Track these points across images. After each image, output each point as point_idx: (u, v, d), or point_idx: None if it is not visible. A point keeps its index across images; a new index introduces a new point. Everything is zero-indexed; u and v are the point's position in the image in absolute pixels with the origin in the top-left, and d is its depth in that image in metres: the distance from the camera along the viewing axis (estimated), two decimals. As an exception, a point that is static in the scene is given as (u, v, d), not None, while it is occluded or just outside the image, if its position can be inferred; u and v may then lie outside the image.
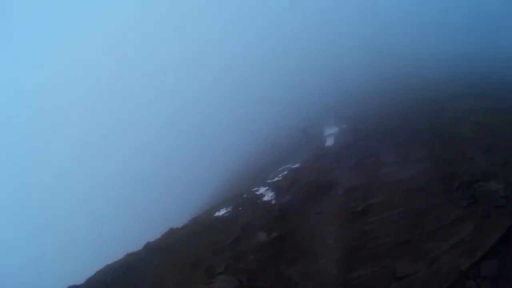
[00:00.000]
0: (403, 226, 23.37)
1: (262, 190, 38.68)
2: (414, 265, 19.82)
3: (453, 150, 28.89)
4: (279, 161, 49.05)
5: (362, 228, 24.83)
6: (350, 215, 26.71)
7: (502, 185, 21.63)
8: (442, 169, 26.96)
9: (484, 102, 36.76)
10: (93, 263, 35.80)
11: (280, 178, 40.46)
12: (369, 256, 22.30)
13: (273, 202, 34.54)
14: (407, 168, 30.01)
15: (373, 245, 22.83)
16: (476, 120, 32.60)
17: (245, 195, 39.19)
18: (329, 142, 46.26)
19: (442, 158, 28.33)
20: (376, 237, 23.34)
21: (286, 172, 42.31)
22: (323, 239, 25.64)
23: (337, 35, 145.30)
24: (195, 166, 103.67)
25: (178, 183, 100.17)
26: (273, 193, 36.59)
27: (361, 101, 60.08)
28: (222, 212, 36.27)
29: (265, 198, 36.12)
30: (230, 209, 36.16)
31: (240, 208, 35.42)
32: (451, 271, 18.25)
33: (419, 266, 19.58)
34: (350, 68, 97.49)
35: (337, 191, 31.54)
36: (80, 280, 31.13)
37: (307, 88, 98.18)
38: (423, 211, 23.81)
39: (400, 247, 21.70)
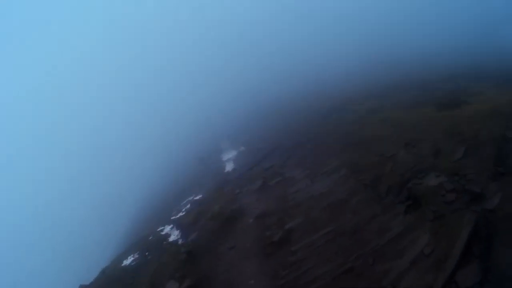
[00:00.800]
0: (337, 250, 18.16)
1: (167, 229, 34.28)
2: (371, 299, 14.42)
3: (367, 152, 25.23)
4: (181, 194, 43.33)
5: (286, 260, 19.03)
6: (269, 246, 20.88)
7: (444, 177, 17.81)
8: (362, 174, 22.83)
9: (383, 102, 34.91)
10: None
11: (183, 214, 35.89)
12: (306, 297, 16.44)
13: (180, 242, 29.59)
14: (320, 180, 25.49)
15: (307, 281, 17.00)
16: (382, 118, 29.92)
17: (150, 237, 34.17)
18: (229, 167, 41.62)
19: (358, 163, 24.37)
20: (308, 269, 17.65)
21: (189, 205, 37.33)
22: (243, 280, 19.37)
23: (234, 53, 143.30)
24: (97, 210, 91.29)
25: (83, 230, 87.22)
26: (178, 231, 32.25)
27: (257, 120, 56.58)
28: (129, 260, 31.58)
29: (171, 238, 31.58)
30: (137, 256, 31.50)
31: (147, 254, 30.91)
32: (423, 295, 13.28)
33: (378, 299, 14.22)
34: (242, 86, 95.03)
35: (247, 219, 26.04)
36: None
37: (200, 113, 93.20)
38: (355, 227, 18.98)
39: (343, 277, 16.19)
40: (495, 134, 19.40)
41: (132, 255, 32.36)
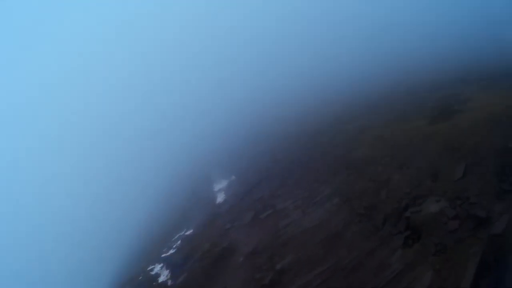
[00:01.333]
0: (333, 293, 15.96)
1: (157, 268, 33.10)
2: None
3: (359, 176, 23.33)
4: (172, 229, 41.58)
5: (278, 308, 16.91)
6: (260, 291, 18.84)
7: (445, 202, 15.81)
8: (356, 202, 20.81)
9: (373, 118, 33.15)
10: None
11: (174, 251, 34.47)
12: None
13: (169, 283, 28.15)
14: (312, 212, 23.50)
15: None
16: (372, 136, 28.06)
17: (140, 277, 32.75)
18: (220, 198, 40.00)
19: (351, 190, 22.41)
20: (302, 321, 15.43)
21: (179, 241, 35.88)
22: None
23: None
24: (87, 245, 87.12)
25: (71, 268, 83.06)
26: (168, 271, 31.01)
27: (248, 145, 54.90)
28: None
29: (161, 279, 30.27)
30: None
31: None
32: None
33: None
34: (232, 112, 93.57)
35: (237, 258, 24.34)
36: None
37: (193, 144, 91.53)
38: (351, 265, 16.88)
39: (341, 328, 14.04)
40: (496, 146, 17.48)
41: (121, 299, 30.26)
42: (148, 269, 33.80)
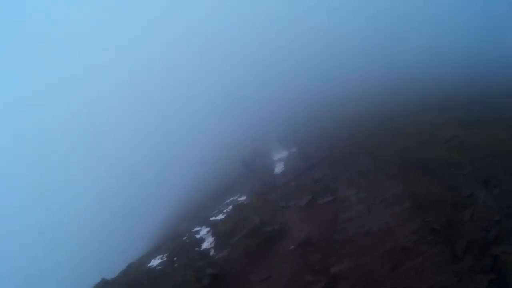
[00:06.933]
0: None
1: (203, 232, 31.86)
2: None
3: (434, 181, 20.16)
4: (225, 192, 39.94)
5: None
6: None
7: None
8: (431, 214, 17.86)
9: (447, 116, 28.98)
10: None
11: (223, 217, 32.98)
12: None
13: (211, 253, 26.78)
14: (377, 211, 20.87)
15: None
16: (447, 137, 24.32)
17: (184, 238, 31.72)
18: (278, 168, 37.51)
19: (424, 196, 19.39)
20: None
21: (230, 207, 34.20)
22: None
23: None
24: (136, 198, 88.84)
25: (118, 218, 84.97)
26: (213, 239, 29.69)
27: (308, 123, 51.32)
28: (157, 261, 29.72)
29: (204, 245, 29.07)
30: (165, 259, 29.50)
31: (175, 259, 28.54)
32: None
33: None
34: (298, 84, 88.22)
35: (288, 243, 22.05)
36: None
37: (253, 107, 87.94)
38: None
39: None
40: None
41: (161, 255, 30.61)
42: (193, 230, 32.57)
